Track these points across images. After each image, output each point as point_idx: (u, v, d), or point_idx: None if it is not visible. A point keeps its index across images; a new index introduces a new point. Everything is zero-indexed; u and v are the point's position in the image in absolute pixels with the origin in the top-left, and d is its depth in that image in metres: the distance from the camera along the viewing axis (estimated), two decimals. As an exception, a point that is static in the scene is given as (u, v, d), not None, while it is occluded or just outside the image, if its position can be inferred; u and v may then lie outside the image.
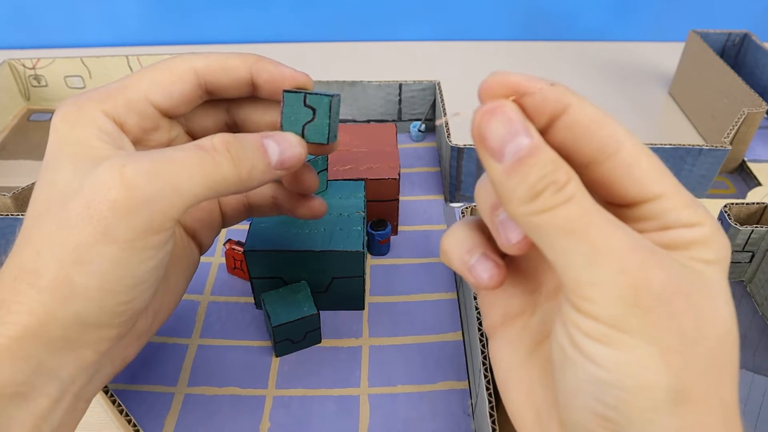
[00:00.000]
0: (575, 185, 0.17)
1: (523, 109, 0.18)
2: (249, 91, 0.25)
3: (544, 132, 0.18)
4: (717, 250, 0.18)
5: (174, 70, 0.23)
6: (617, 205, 0.19)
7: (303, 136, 0.23)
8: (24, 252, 0.20)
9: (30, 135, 0.54)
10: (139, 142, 0.24)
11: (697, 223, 0.18)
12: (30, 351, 0.20)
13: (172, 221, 0.21)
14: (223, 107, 0.26)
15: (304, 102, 0.23)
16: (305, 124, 0.23)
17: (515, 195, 0.17)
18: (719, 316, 0.17)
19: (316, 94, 0.23)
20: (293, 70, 0.24)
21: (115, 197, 0.19)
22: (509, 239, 0.19)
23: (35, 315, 0.19)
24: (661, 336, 0.17)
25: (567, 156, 0.18)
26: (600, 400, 0.17)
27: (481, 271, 0.20)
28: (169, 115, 0.24)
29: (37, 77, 0.56)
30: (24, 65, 0.55)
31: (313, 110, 0.23)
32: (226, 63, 0.24)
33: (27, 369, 0.20)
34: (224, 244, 0.39)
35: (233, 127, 0.27)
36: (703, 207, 0.18)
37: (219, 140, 0.21)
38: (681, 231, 0.18)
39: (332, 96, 0.23)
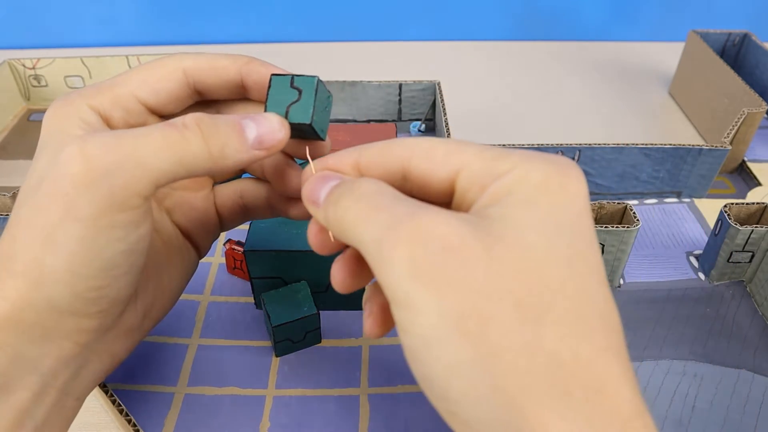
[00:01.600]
0: (368, 186, 0.19)
1: (338, 170, 0.21)
2: (240, 93, 0.25)
3: (360, 172, 0.21)
4: (534, 187, 0.17)
5: (163, 69, 0.23)
6: (448, 201, 0.20)
7: (286, 117, 0.23)
8: (4, 240, 0.20)
9: (30, 135, 0.54)
10: None
11: (507, 171, 0.18)
12: (6, 339, 0.20)
13: (138, 198, 0.20)
14: (214, 109, 0.26)
15: (291, 84, 0.23)
16: (290, 105, 0.23)
17: (327, 211, 0.20)
18: (529, 259, 0.16)
19: (303, 75, 0.23)
20: (284, 71, 0.24)
21: (74, 171, 0.19)
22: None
23: (9, 301, 0.19)
24: (450, 300, 0.16)
25: (387, 174, 0.20)
26: (438, 398, 0.17)
27: (365, 318, 0.22)
28: (159, 114, 0.24)
29: (37, 77, 0.56)
30: (24, 65, 0.55)
31: (299, 91, 0.22)
32: (215, 63, 0.24)
33: (4, 358, 0.20)
34: (224, 244, 0.39)
35: None
36: (518, 154, 0.18)
37: (190, 117, 0.21)
38: (495, 185, 0.18)
39: (321, 80, 0.23)
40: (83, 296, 0.20)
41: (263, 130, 0.22)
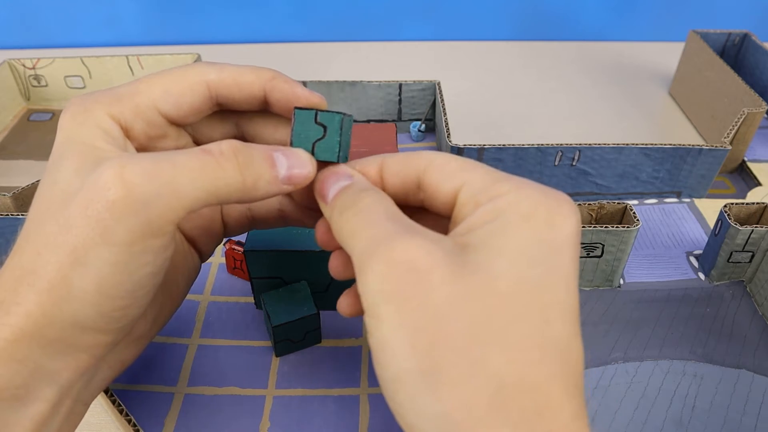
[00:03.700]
0: (369, 200, 0.20)
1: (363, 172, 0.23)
2: (261, 106, 0.24)
3: (381, 177, 0.23)
4: (520, 215, 0.18)
5: (186, 81, 0.23)
6: (449, 213, 0.21)
7: (313, 153, 0.23)
8: (25, 252, 0.20)
9: (30, 135, 0.54)
10: (145, 149, 0.23)
11: (501, 194, 0.19)
12: (27, 353, 0.20)
13: (172, 225, 0.20)
14: (232, 120, 0.26)
15: (315, 119, 0.23)
16: (315, 141, 0.23)
17: (332, 216, 0.21)
18: (491, 287, 0.17)
19: (327, 111, 0.23)
20: (308, 90, 0.24)
21: (113, 198, 0.19)
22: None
23: (32, 317, 0.19)
24: (408, 316, 0.17)
25: (401, 185, 0.22)
26: (388, 398, 0.18)
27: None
28: (177, 124, 0.24)
29: (37, 77, 0.56)
30: (24, 65, 0.55)
31: (324, 128, 0.23)
32: (240, 78, 0.23)
33: (25, 372, 0.20)
34: (224, 244, 0.39)
35: (241, 141, 0.26)
36: (517, 181, 0.20)
37: (227, 146, 0.21)
38: (486, 206, 0.19)
39: (344, 114, 0.23)
40: (108, 315, 0.20)
41: (294, 166, 0.22)
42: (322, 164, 0.23)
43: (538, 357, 0.17)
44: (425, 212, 0.23)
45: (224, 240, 0.41)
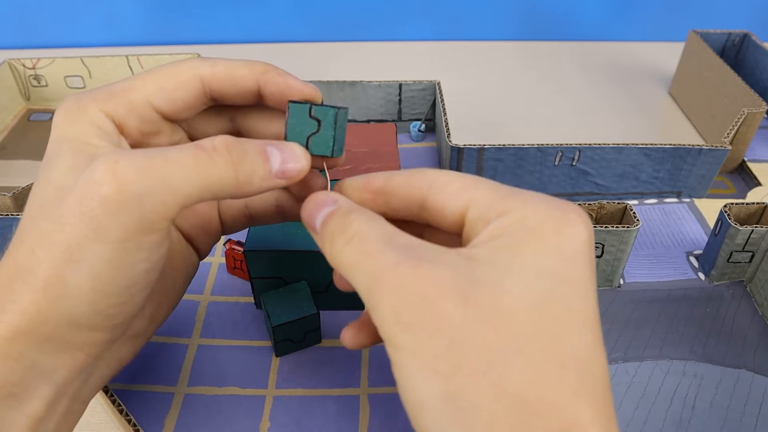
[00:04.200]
0: (358, 225, 0.20)
1: (344, 192, 0.23)
2: (255, 100, 0.24)
3: (375, 198, 0.22)
4: (528, 230, 0.18)
5: (179, 76, 0.23)
6: (460, 231, 0.21)
7: (307, 147, 0.23)
8: (20, 250, 0.20)
9: (30, 135, 0.54)
10: (139, 146, 0.23)
11: (508, 211, 0.19)
12: (22, 351, 0.20)
13: (166, 221, 0.20)
14: (227, 115, 0.26)
15: (310, 113, 0.22)
16: (309, 135, 0.23)
17: (324, 247, 0.21)
18: (502, 305, 0.17)
19: (322, 105, 0.23)
20: (302, 82, 0.23)
21: (106, 193, 0.19)
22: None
23: (27, 314, 0.19)
24: (426, 344, 0.17)
25: (404, 205, 0.22)
26: (414, 424, 0.18)
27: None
28: (172, 120, 0.24)
29: (37, 77, 0.56)
30: (24, 65, 0.55)
31: (318, 122, 0.23)
32: (233, 72, 0.23)
33: (20, 369, 0.20)
34: (224, 244, 0.39)
35: (237, 136, 0.26)
36: (523, 195, 0.19)
37: (220, 141, 0.21)
38: (494, 223, 0.19)
39: (338, 108, 0.23)
40: (103, 313, 0.20)
41: (287, 160, 0.22)
42: (317, 158, 0.23)
43: (557, 373, 0.16)
44: (432, 227, 0.22)
45: (224, 240, 0.41)
